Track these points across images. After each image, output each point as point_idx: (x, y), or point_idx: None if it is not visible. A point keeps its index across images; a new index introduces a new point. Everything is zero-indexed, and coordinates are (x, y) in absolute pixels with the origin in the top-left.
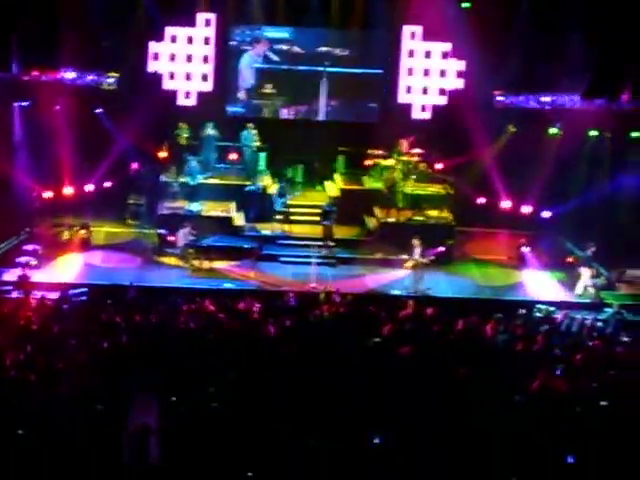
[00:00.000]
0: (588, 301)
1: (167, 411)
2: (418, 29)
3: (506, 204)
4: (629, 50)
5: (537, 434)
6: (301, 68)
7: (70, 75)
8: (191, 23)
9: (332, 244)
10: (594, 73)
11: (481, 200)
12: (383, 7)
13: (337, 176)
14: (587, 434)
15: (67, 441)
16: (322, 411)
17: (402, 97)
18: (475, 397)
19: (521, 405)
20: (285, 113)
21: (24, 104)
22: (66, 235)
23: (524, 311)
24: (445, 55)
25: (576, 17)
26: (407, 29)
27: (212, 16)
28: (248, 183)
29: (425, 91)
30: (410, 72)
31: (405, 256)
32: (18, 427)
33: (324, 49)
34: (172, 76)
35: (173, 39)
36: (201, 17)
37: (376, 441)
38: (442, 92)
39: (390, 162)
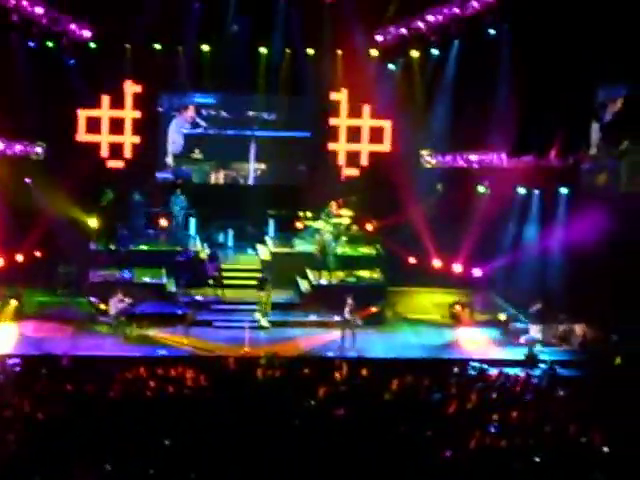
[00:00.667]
0: (521, 358)
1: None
2: (344, 93)
3: (437, 263)
4: (556, 106)
5: None
6: (229, 132)
7: None
8: (118, 92)
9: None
10: (521, 130)
11: (412, 260)
12: (308, 72)
13: (268, 239)
14: None
15: None
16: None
17: (330, 159)
18: (411, 457)
19: (458, 463)
20: (214, 178)
21: None
22: None
23: (457, 369)
24: (372, 116)
25: (504, 74)
26: (333, 94)
27: (139, 85)
28: (178, 249)
29: (353, 153)
30: (337, 134)
31: (337, 317)
32: None
33: (252, 114)
34: (100, 143)
35: (100, 107)
36: (128, 86)
37: None
38: (370, 153)
39: (320, 224)
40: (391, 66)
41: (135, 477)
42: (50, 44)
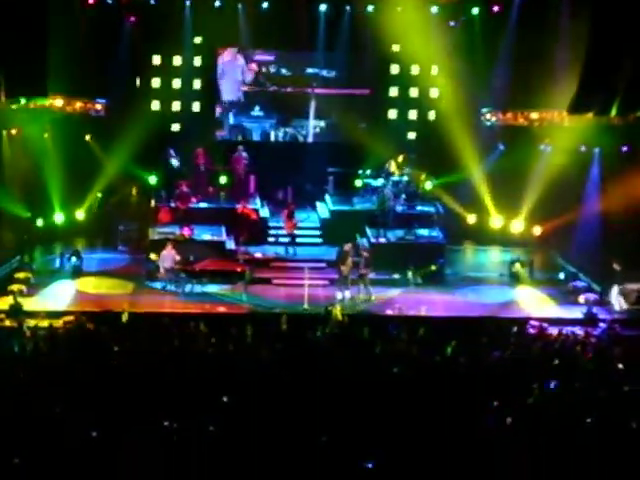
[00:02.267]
0: (580, 317)
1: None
2: (403, 49)
3: (497, 221)
4: (617, 65)
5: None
6: (289, 90)
7: (59, 102)
8: (179, 49)
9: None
10: (582, 88)
11: (472, 218)
12: (368, 29)
13: (327, 197)
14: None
15: (62, 468)
16: (315, 433)
17: (391, 117)
18: (469, 416)
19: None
20: (273, 135)
21: (13, 132)
22: (58, 262)
23: (517, 328)
24: (433, 74)
25: (564, 31)
26: (392, 50)
27: (199, 39)
28: (238, 207)
29: (413, 110)
30: (398, 92)
31: (396, 275)
32: (14, 455)
33: (311, 71)
34: (161, 101)
35: (162, 65)
36: (189, 43)
37: (369, 465)
38: (430, 111)
39: (380, 182)
40: (451, 23)
41: (193, 434)
42: (109, 1)
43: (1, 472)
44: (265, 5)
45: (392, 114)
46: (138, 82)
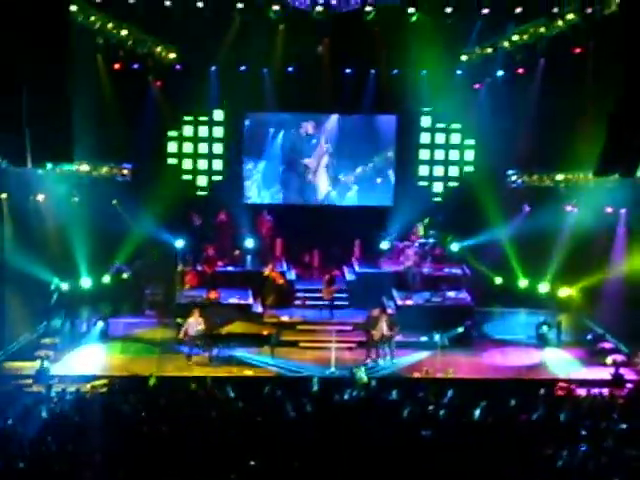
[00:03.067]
0: (608, 378)
1: None
2: (430, 111)
3: (523, 283)
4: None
5: None
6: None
7: (85, 167)
8: (204, 113)
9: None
10: (607, 149)
11: (498, 280)
12: (393, 92)
13: (354, 260)
14: None
15: None
16: None
17: (418, 180)
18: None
19: None
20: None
21: (40, 197)
22: (84, 327)
23: (545, 390)
24: (458, 136)
25: (589, 92)
26: (420, 113)
27: (224, 104)
28: (264, 270)
29: (440, 173)
30: (424, 155)
31: (423, 338)
32: None
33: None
34: (187, 166)
35: (187, 129)
36: (214, 107)
37: None
38: (456, 173)
39: (406, 244)
40: (476, 85)
41: None
42: (135, 66)
43: None
44: (290, 69)
45: (418, 178)
46: (163, 146)
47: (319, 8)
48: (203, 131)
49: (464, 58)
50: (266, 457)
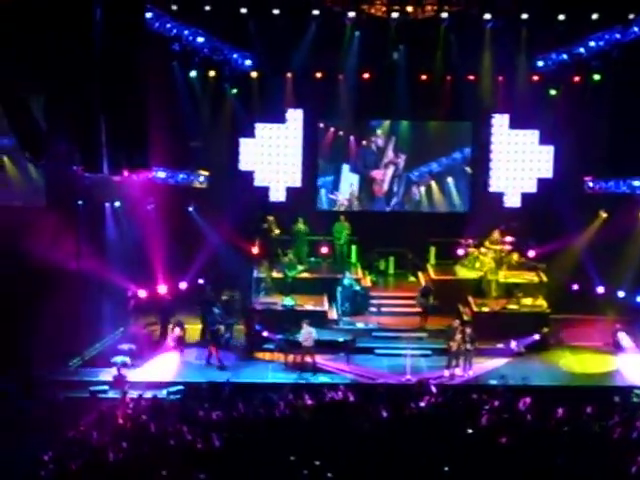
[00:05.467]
0: None
1: None
2: (505, 118)
3: (601, 289)
4: None
5: None
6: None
7: (161, 174)
8: (279, 119)
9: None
10: None
11: (575, 286)
12: (469, 98)
13: (429, 267)
14: None
15: None
16: None
17: (493, 186)
18: None
19: None
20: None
21: (116, 204)
22: (161, 333)
23: (621, 397)
24: (533, 142)
25: None
26: (495, 118)
27: (300, 111)
28: (340, 276)
29: (515, 179)
30: (499, 161)
31: (500, 345)
32: None
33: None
34: (262, 172)
35: (262, 136)
36: (290, 113)
37: None
38: (532, 179)
39: (482, 251)
40: (552, 91)
41: None
42: (212, 73)
43: None
44: (366, 76)
45: (494, 183)
46: (238, 154)
47: (395, 15)
48: (278, 138)
49: (540, 64)
50: (342, 466)
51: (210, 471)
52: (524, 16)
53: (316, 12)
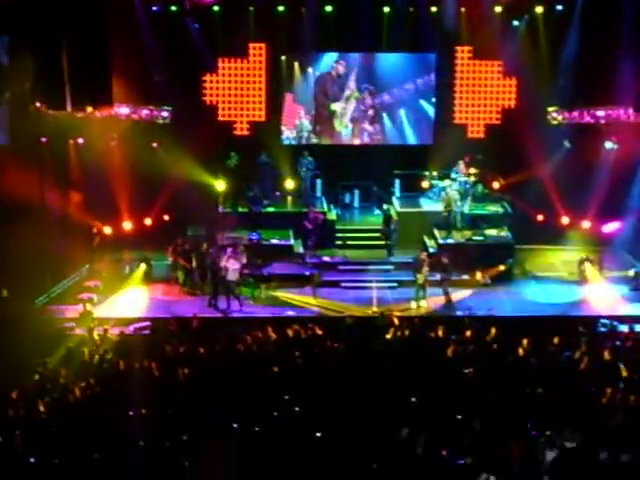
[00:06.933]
0: None
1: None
2: (469, 49)
3: (565, 220)
4: None
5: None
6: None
7: (124, 110)
8: (242, 53)
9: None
10: None
11: (540, 217)
12: (432, 30)
13: (394, 199)
14: None
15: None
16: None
17: (457, 118)
18: (541, 415)
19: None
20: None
21: (79, 141)
22: (127, 270)
23: (587, 327)
24: (497, 74)
25: (628, 27)
26: (458, 50)
27: (263, 45)
28: (305, 210)
29: (479, 111)
30: (463, 92)
31: (464, 276)
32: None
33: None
34: (226, 107)
35: (225, 71)
36: (252, 47)
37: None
38: (496, 111)
39: (447, 183)
40: (515, 22)
41: (262, 437)
42: (173, 8)
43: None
44: (329, 8)
45: (457, 115)
46: (201, 89)
47: None
48: (241, 72)
49: None
50: (311, 397)
51: (178, 405)
52: None
53: None
